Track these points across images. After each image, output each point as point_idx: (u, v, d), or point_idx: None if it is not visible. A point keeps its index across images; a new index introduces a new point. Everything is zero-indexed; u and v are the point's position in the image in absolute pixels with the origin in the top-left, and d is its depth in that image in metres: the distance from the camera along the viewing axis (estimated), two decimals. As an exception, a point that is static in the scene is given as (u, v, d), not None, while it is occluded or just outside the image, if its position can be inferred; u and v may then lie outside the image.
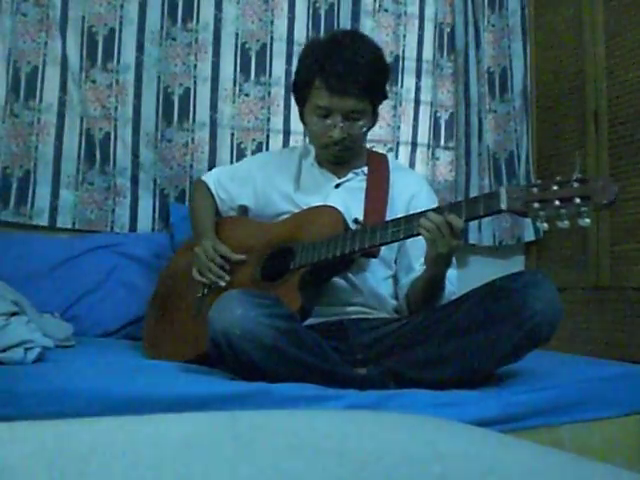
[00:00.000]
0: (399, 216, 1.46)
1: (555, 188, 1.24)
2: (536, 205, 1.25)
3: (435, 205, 1.67)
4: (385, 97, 1.68)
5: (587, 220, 1.21)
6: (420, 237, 1.37)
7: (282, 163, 1.79)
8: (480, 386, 1.41)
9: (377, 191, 1.65)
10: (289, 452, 0.59)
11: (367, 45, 1.61)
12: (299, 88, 1.65)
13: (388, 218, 1.57)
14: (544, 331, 1.35)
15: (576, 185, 1.22)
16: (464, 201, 1.38)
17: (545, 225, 1.25)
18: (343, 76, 1.52)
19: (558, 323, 1.36)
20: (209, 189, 1.85)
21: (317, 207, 1.61)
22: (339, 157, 1.66)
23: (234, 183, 1.82)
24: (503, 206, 1.28)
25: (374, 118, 1.67)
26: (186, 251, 1.77)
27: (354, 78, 1.53)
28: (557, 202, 1.23)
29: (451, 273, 1.50)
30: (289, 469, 0.55)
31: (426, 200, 1.67)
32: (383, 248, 1.53)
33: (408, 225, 1.39)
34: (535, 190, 1.26)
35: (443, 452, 0.63)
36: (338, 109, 1.55)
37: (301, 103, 1.66)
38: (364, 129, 1.62)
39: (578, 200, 1.21)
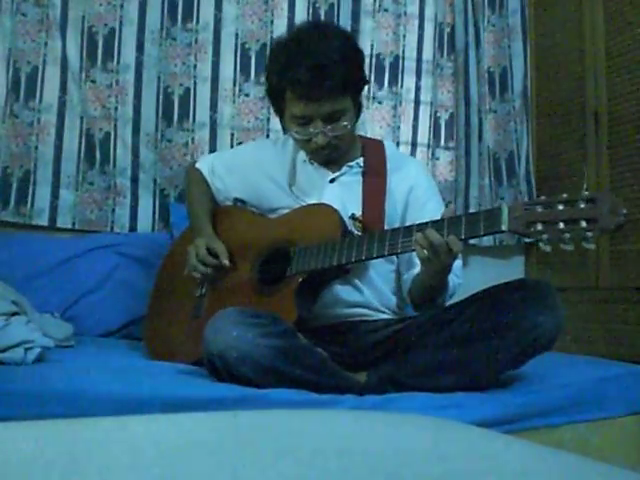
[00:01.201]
0: (398, 227, 1.42)
1: (560, 208, 1.16)
2: (539, 227, 1.18)
3: (435, 195, 1.66)
4: (366, 83, 1.58)
5: (592, 245, 1.14)
6: None
7: (277, 156, 1.71)
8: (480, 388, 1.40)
9: (374, 185, 1.59)
10: (289, 452, 0.59)
11: (333, 38, 1.48)
12: (272, 98, 1.57)
13: (386, 212, 1.55)
14: (545, 342, 1.33)
15: (583, 206, 1.14)
16: (464, 217, 1.30)
17: (548, 248, 1.19)
18: (313, 82, 1.42)
19: (559, 334, 1.33)
20: (204, 177, 1.79)
21: (314, 206, 1.57)
22: (330, 159, 1.60)
23: (229, 173, 1.77)
24: (504, 227, 1.22)
25: (358, 109, 1.57)
26: (183, 243, 1.73)
27: (326, 82, 1.43)
28: (561, 225, 1.16)
29: (456, 264, 1.40)
30: (289, 469, 0.55)
31: (426, 191, 1.63)
32: None
33: (407, 239, 1.34)
34: (539, 209, 1.19)
35: (444, 452, 0.63)
36: (316, 115, 1.47)
37: (279, 113, 1.58)
38: (349, 126, 1.53)
39: (584, 224, 1.13)
